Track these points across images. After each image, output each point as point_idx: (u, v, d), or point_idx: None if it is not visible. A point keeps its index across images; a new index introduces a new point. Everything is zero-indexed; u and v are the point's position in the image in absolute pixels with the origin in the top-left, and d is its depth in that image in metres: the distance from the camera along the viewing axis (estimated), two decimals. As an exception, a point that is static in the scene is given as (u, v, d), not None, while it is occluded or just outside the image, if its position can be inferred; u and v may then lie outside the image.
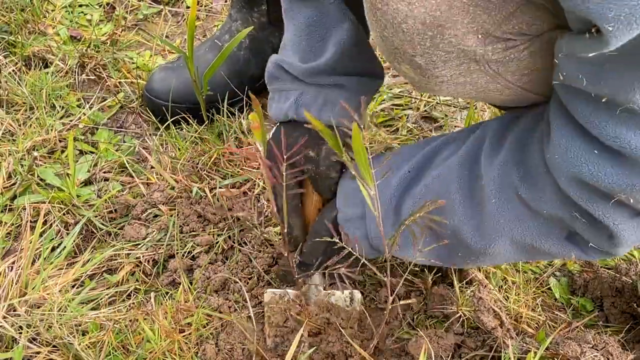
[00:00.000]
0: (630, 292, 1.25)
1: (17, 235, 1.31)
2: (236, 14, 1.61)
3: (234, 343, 1.14)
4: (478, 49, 0.81)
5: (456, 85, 0.87)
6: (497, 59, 0.82)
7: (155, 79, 1.57)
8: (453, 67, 0.84)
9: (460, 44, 0.80)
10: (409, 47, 0.83)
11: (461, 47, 0.80)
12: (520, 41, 0.81)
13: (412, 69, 0.87)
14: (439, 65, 0.84)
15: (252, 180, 1.45)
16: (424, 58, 0.83)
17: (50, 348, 1.09)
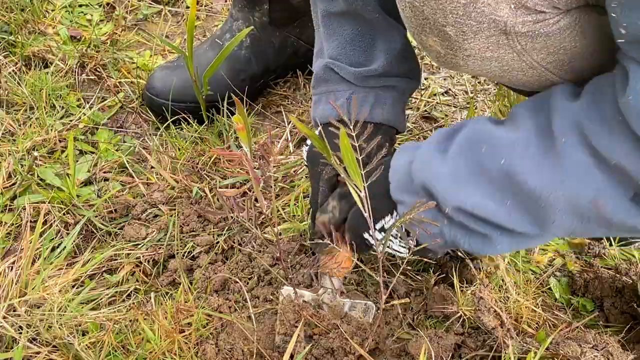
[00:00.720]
0: (631, 292, 1.25)
1: (17, 235, 1.31)
2: (237, 13, 1.61)
3: (234, 343, 1.14)
4: (509, 20, 0.80)
5: (482, 61, 0.86)
6: (526, 32, 0.81)
7: (155, 78, 1.57)
8: (482, 39, 0.83)
9: (493, 13, 0.79)
10: (441, 16, 0.82)
11: (493, 17, 0.80)
12: (550, 15, 0.80)
13: (440, 41, 0.86)
14: (469, 37, 0.83)
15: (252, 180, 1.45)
16: (455, 28, 0.82)
17: (50, 348, 1.09)
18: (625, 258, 1.36)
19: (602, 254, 1.36)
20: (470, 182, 0.92)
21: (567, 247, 1.39)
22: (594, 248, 1.37)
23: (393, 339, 1.18)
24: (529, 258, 1.35)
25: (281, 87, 1.73)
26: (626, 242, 1.37)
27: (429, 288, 1.24)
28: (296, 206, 1.39)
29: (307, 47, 1.69)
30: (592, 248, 1.37)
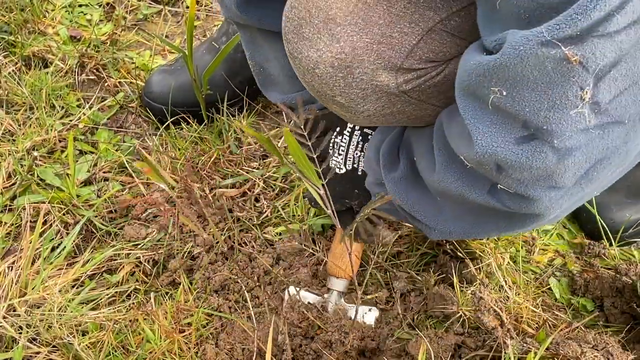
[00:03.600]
0: (631, 292, 1.25)
1: (17, 235, 1.31)
2: (233, 16, 1.61)
3: (234, 343, 1.14)
4: (391, 83, 0.83)
5: (385, 117, 0.90)
6: (414, 88, 0.85)
7: (153, 82, 1.57)
8: (373, 101, 0.86)
9: (373, 80, 0.83)
10: (327, 89, 0.87)
11: (374, 83, 0.83)
12: (431, 68, 0.84)
13: (337, 108, 0.90)
14: (359, 102, 0.87)
15: (252, 180, 1.45)
16: (343, 97, 0.87)
17: (50, 348, 1.09)
18: (625, 258, 1.36)
19: (602, 254, 1.36)
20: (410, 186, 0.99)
21: (567, 247, 1.39)
22: (594, 248, 1.37)
23: (393, 339, 1.18)
24: (529, 258, 1.35)
25: (281, 87, 1.73)
26: (626, 242, 1.37)
27: (429, 288, 1.24)
28: (296, 206, 1.39)
29: (307, 48, 1.69)
30: (592, 248, 1.37)
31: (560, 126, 0.70)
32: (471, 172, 0.84)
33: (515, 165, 0.75)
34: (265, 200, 1.42)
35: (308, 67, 0.86)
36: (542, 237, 1.39)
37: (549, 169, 0.75)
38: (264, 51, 1.18)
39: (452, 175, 0.87)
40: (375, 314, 1.18)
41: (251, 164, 1.49)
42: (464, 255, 1.30)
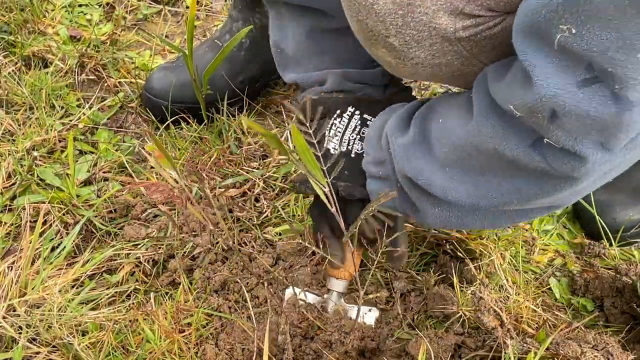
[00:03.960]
0: (631, 292, 1.25)
1: (17, 235, 1.31)
2: (237, 14, 1.61)
3: (234, 343, 1.14)
4: (449, 27, 0.81)
5: (432, 68, 0.87)
6: (469, 37, 0.83)
7: (154, 79, 1.57)
8: (426, 47, 0.84)
9: (432, 22, 0.81)
10: (382, 27, 0.84)
11: (432, 25, 0.81)
12: (490, 17, 0.81)
13: (388, 51, 0.88)
14: (413, 46, 0.85)
15: (252, 180, 1.45)
16: (398, 38, 0.84)
17: (50, 348, 1.09)
18: (625, 258, 1.36)
19: (602, 254, 1.36)
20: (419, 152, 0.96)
21: (567, 247, 1.39)
22: (594, 248, 1.37)
23: (393, 339, 1.18)
24: (529, 258, 1.35)
25: (281, 87, 1.73)
26: (626, 242, 1.37)
27: (429, 288, 1.24)
28: (296, 206, 1.39)
29: (307, 48, 1.69)
30: (592, 248, 1.37)
31: (626, 70, 0.69)
32: (515, 123, 0.81)
33: (572, 111, 0.73)
34: (265, 200, 1.42)
35: (366, 3, 0.83)
36: (542, 237, 1.39)
37: (604, 121, 0.73)
38: (285, 29, 1.16)
39: (490, 126, 0.84)
40: (376, 314, 1.18)
41: (251, 164, 1.49)
42: (464, 255, 1.30)
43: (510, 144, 0.83)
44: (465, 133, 0.89)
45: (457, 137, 0.90)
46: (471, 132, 0.87)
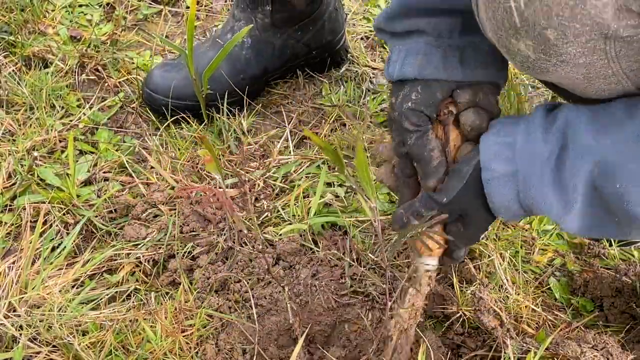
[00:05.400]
0: (630, 292, 1.25)
1: (17, 235, 1.31)
2: (240, 13, 1.61)
3: (234, 343, 1.14)
4: (612, 23, 0.78)
5: (572, 67, 0.84)
6: (626, 37, 0.80)
7: (155, 75, 1.57)
8: (581, 43, 0.81)
9: (598, 15, 0.77)
10: (544, 18, 0.79)
11: (598, 20, 0.78)
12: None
13: (535, 45, 0.83)
14: (569, 40, 0.81)
15: (252, 180, 1.45)
16: (557, 31, 0.80)
17: (50, 348, 1.09)
18: (625, 258, 1.36)
19: (601, 254, 1.36)
20: (591, 216, 0.91)
21: (566, 247, 1.39)
22: (593, 248, 1.37)
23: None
24: (528, 258, 1.35)
25: (281, 87, 1.73)
26: (626, 242, 1.37)
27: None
28: (296, 206, 1.39)
29: (307, 50, 1.70)
30: (591, 248, 1.37)
31: None
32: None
33: None
34: (265, 200, 1.42)
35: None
36: (541, 237, 1.39)
37: None
38: None
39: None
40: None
41: (251, 164, 1.49)
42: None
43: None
44: (626, 130, 0.84)
45: (612, 139, 0.86)
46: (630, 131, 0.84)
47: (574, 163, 0.89)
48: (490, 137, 0.98)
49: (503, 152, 0.95)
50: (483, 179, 0.96)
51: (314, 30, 1.67)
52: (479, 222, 1.01)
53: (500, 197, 0.96)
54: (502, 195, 0.96)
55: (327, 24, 1.69)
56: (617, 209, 0.88)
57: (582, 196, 0.89)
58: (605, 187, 0.87)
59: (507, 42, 0.86)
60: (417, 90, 1.00)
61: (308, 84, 1.74)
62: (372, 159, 1.08)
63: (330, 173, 1.48)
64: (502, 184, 0.95)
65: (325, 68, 1.76)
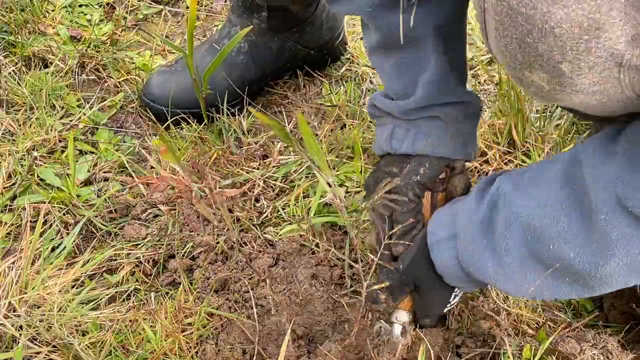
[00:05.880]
0: (630, 292, 1.25)
1: (17, 235, 1.31)
2: (236, 18, 1.61)
3: (234, 343, 1.14)
4: (627, 53, 0.78)
5: (586, 95, 0.84)
6: (639, 65, 0.80)
7: (152, 84, 1.57)
8: (596, 73, 0.81)
9: (612, 47, 0.77)
10: (558, 53, 0.79)
11: (612, 51, 0.78)
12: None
13: (550, 77, 0.83)
14: (584, 72, 0.81)
15: (252, 180, 1.45)
16: (572, 64, 0.80)
17: (50, 348, 1.09)
18: (625, 258, 1.36)
19: (601, 254, 1.36)
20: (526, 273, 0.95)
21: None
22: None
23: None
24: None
25: (281, 87, 1.73)
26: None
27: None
28: (296, 206, 1.39)
29: (306, 51, 1.69)
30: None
31: None
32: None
33: None
34: (265, 200, 1.42)
35: (543, 25, 0.77)
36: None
37: None
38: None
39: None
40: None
41: (251, 164, 1.49)
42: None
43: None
44: (600, 259, 0.88)
45: (585, 265, 0.90)
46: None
47: (504, 227, 0.96)
48: (441, 209, 1.10)
49: (446, 218, 1.06)
50: (428, 243, 1.06)
51: (312, 31, 1.67)
52: (434, 292, 1.11)
53: (442, 259, 1.05)
54: (444, 258, 1.05)
55: (325, 24, 1.69)
56: (563, 270, 0.91)
57: (515, 257, 0.95)
58: (543, 254, 0.92)
59: (520, 74, 0.86)
60: (425, 166, 1.12)
61: (308, 84, 1.74)
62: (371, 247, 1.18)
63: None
64: (444, 247, 1.05)
65: (326, 65, 1.76)
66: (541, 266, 0.93)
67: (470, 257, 1.00)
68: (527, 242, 0.93)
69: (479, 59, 1.80)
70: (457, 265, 1.03)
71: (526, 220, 0.93)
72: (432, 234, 1.07)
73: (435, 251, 1.06)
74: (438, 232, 1.06)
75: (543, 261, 0.92)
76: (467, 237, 1.00)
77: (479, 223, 0.98)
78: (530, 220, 0.93)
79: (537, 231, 0.92)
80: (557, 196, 0.90)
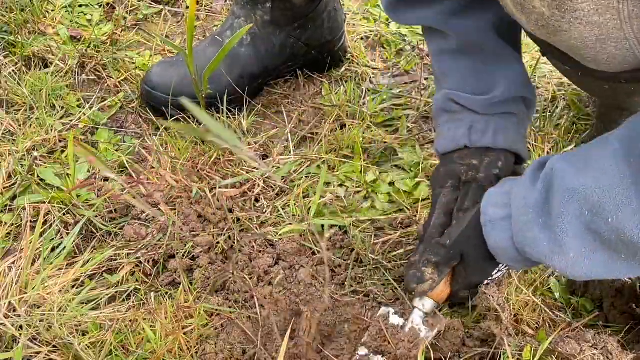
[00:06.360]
0: (630, 292, 1.25)
1: (17, 235, 1.31)
2: (239, 10, 1.61)
3: (234, 343, 1.14)
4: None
5: (586, 26, 0.86)
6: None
7: (153, 73, 1.57)
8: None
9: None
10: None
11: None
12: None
13: (550, 0, 0.86)
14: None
15: (252, 180, 1.45)
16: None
17: (50, 348, 1.09)
18: (625, 258, 1.36)
19: (601, 254, 1.36)
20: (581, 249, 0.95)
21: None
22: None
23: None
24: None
25: (281, 87, 1.73)
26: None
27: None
28: (296, 206, 1.39)
29: (306, 50, 1.70)
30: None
31: None
32: None
33: None
34: (265, 200, 1.42)
35: None
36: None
37: None
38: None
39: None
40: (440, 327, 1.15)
41: (251, 164, 1.49)
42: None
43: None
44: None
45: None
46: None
47: (560, 205, 0.95)
48: (492, 189, 1.09)
49: (500, 198, 1.05)
50: (482, 222, 1.06)
51: (313, 28, 1.67)
52: (479, 265, 1.11)
53: (496, 239, 1.05)
54: (498, 238, 1.04)
55: (326, 23, 1.69)
56: (620, 243, 0.90)
57: (573, 236, 0.94)
58: (600, 227, 0.91)
59: (523, 3, 0.88)
60: (502, 160, 1.18)
61: (308, 84, 1.74)
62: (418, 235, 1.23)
63: (330, 173, 1.48)
64: (498, 227, 1.04)
65: (325, 68, 1.76)
66: (598, 242, 0.92)
67: (526, 238, 0.99)
68: (584, 217, 0.92)
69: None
70: (511, 246, 1.02)
71: (583, 195, 0.91)
72: (486, 214, 1.05)
73: (489, 231, 1.05)
74: (492, 212, 1.05)
75: (600, 235, 0.91)
76: (523, 219, 0.99)
77: (535, 204, 0.97)
78: (588, 195, 0.91)
79: (595, 205, 0.90)
80: (617, 170, 0.89)
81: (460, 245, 1.09)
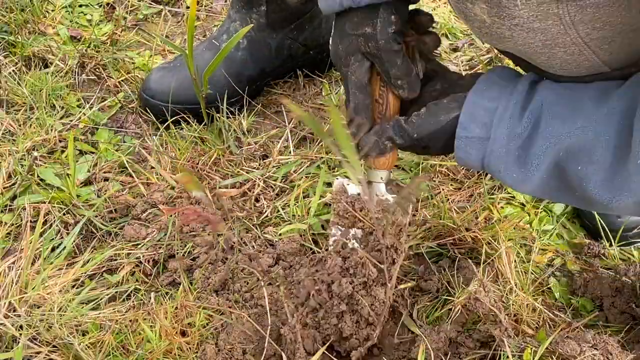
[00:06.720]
0: (630, 292, 1.25)
1: (17, 235, 1.31)
2: (235, 14, 1.61)
3: (234, 343, 1.14)
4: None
5: (528, 32, 0.85)
6: (578, 1, 0.80)
7: (152, 80, 1.57)
8: (533, 6, 0.81)
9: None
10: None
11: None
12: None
13: (489, 8, 0.84)
14: (521, 2, 0.82)
15: (252, 180, 1.45)
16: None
17: (50, 348, 1.09)
18: (625, 258, 1.36)
19: (601, 254, 1.36)
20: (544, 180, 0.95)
21: (566, 247, 1.39)
22: (593, 248, 1.37)
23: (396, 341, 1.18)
24: (528, 258, 1.35)
25: (281, 87, 1.73)
26: (626, 242, 1.38)
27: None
28: (296, 206, 1.39)
29: (304, 50, 1.69)
30: (591, 248, 1.37)
31: None
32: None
33: None
34: (265, 200, 1.42)
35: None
36: (541, 237, 1.39)
37: None
38: None
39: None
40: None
41: (251, 164, 1.49)
42: (464, 255, 1.30)
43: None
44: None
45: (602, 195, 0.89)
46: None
47: (541, 146, 0.93)
48: (476, 97, 1.00)
49: (483, 116, 0.99)
50: (457, 133, 1.00)
51: (310, 29, 1.67)
52: (437, 151, 1.09)
53: (467, 155, 1.01)
54: (469, 154, 1.01)
55: (323, 23, 1.69)
56: (577, 187, 0.91)
57: (542, 172, 0.93)
58: (568, 168, 0.90)
59: (464, 6, 0.87)
60: (394, 12, 1.03)
61: (308, 84, 1.74)
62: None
63: (330, 173, 1.48)
64: (472, 145, 1.00)
65: (325, 68, 1.76)
66: (560, 179, 0.93)
67: (498, 164, 0.98)
68: (559, 157, 0.91)
69: (479, 58, 1.80)
70: (479, 163, 1.01)
71: (567, 142, 0.90)
72: (464, 128, 1.00)
73: (462, 144, 1.01)
74: (472, 128, 1.00)
75: (565, 173, 0.91)
76: (501, 150, 0.97)
77: (517, 137, 0.95)
78: (571, 142, 0.90)
79: (575, 150, 0.89)
80: (605, 129, 0.87)
81: (428, 140, 1.05)
